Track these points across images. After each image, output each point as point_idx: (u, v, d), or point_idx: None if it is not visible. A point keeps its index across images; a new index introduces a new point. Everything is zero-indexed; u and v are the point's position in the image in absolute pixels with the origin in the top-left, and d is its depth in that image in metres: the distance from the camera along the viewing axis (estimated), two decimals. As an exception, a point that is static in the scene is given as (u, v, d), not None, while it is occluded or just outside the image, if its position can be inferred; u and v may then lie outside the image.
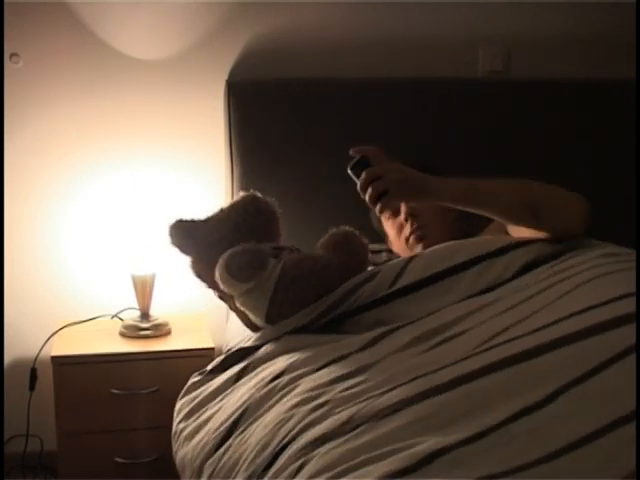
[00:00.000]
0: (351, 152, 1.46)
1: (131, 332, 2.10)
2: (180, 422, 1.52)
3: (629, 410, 0.97)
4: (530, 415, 0.99)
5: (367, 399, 1.11)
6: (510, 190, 1.48)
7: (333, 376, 1.25)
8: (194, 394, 1.56)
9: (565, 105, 2.27)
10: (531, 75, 2.38)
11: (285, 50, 2.26)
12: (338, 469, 0.95)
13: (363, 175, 1.39)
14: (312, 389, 1.23)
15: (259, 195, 1.69)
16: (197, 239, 1.63)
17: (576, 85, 2.30)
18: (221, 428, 1.34)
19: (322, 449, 1.01)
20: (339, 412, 1.09)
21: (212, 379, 1.55)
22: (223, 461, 1.27)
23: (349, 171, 1.44)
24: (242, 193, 1.71)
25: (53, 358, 1.98)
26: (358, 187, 1.41)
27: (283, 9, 2.25)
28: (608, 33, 2.41)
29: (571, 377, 1.04)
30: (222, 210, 1.68)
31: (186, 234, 1.64)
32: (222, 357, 1.59)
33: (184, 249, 1.66)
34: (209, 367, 1.62)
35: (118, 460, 2.01)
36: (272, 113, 1.85)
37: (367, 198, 1.39)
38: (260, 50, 2.25)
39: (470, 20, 2.34)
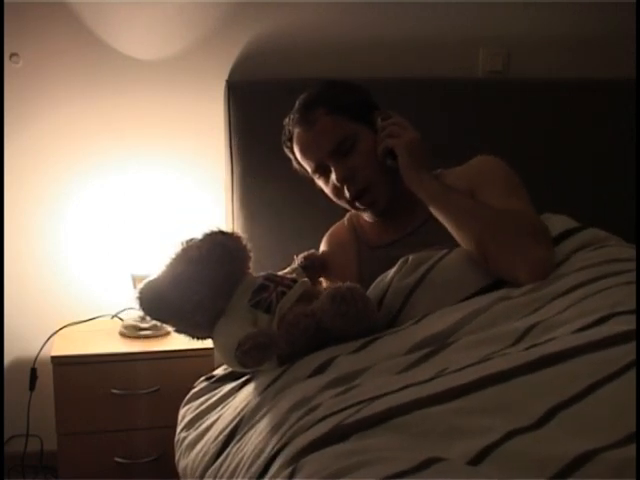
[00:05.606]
0: (390, 113, 1.65)
1: (131, 332, 2.10)
2: (182, 431, 1.52)
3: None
4: (523, 435, 0.93)
5: (357, 404, 1.09)
6: (475, 217, 1.48)
7: (325, 380, 1.24)
8: (198, 402, 1.55)
9: (565, 105, 2.27)
10: (531, 75, 2.38)
11: (285, 50, 2.26)
12: (334, 470, 0.94)
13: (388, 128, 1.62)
14: (304, 394, 1.21)
15: (226, 237, 1.49)
16: (173, 306, 1.46)
17: (576, 85, 2.30)
18: (220, 436, 1.34)
19: (312, 455, 1.00)
20: (329, 418, 1.08)
21: (219, 387, 1.55)
22: (222, 470, 1.26)
23: (379, 119, 1.65)
24: (206, 233, 1.49)
25: (53, 358, 1.98)
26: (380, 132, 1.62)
27: (283, 9, 2.25)
28: (608, 33, 2.41)
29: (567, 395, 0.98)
30: (190, 261, 1.45)
31: (160, 302, 1.46)
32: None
33: (160, 318, 1.51)
34: (218, 374, 1.61)
35: (118, 460, 2.01)
36: (272, 113, 1.85)
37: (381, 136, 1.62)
38: (260, 50, 2.25)
39: (470, 20, 2.34)
